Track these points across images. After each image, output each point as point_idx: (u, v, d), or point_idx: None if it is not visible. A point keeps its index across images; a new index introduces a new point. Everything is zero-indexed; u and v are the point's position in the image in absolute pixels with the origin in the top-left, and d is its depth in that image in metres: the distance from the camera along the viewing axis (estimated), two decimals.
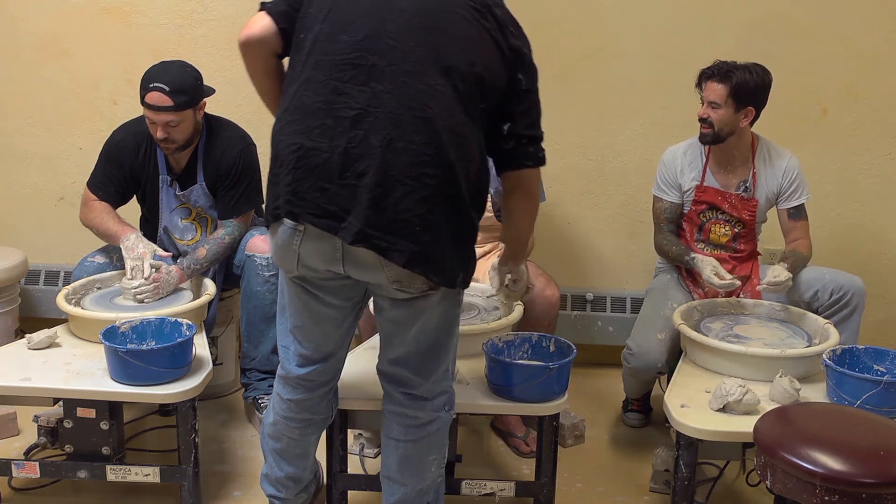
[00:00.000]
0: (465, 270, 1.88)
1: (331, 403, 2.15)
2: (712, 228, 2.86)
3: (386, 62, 1.77)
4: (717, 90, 2.69)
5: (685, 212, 2.90)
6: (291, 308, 2.00)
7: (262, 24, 1.87)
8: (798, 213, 2.83)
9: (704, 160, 2.85)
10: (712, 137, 2.74)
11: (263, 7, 1.90)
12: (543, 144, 1.97)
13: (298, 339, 2.02)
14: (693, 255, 2.79)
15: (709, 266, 2.69)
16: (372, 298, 2.01)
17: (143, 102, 2.63)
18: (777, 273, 2.65)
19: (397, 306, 1.91)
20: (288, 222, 1.83)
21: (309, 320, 1.98)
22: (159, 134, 2.64)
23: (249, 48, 1.90)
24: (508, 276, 2.29)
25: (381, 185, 1.73)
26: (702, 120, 2.75)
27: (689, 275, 2.91)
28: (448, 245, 1.80)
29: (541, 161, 1.96)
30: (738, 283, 2.69)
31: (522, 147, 1.92)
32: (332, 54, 1.80)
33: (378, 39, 1.78)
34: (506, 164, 1.96)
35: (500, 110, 1.89)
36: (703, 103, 2.75)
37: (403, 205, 1.74)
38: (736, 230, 2.84)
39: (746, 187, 2.81)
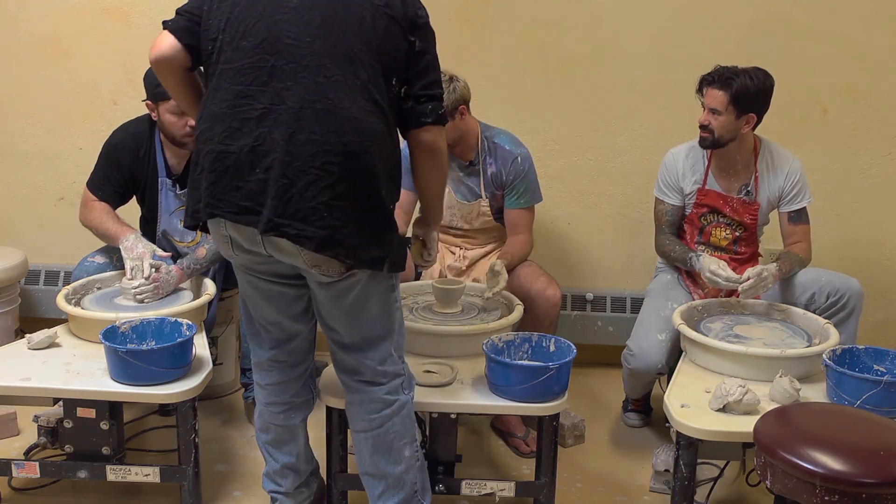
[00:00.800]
0: (392, 254, 1.93)
1: (308, 386, 2.23)
2: (713, 231, 2.86)
3: (285, 61, 1.84)
4: (717, 97, 2.66)
5: (686, 214, 2.90)
6: (245, 294, 2.11)
7: (167, 43, 1.95)
8: (799, 216, 2.82)
9: (706, 164, 2.83)
10: (712, 143, 2.73)
11: (166, 26, 1.97)
12: (545, 145, 1.98)
13: (260, 322, 2.12)
14: (697, 254, 2.77)
15: (714, 262, 2.67)
16: None
17: (165, 97, 2.61)
18: (749, 273, 2.60)
19: (323, 289, 1.98)
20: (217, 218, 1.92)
21: (262, 301, 2.08)
22: (192, 123, 2.62)
23: (160, 66, 1.98)
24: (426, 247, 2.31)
25: (285, 175, 1.81)
26: (702, 126, 2.73)
27: (689, 275, 2.91)
28: (359, 228, 1.86)
29: (440, 119, 1.98)
30: (740, 282, 2.64)
31: (421, 105, 1.95)
32: (235, 61, 1.87)
33: (276, 41, 1.85)
34: (406, 124, 1.98)
35: (399, 76, 1.93)
36: (703, 109, 2.73)
37: (309, 193, 1.81)
38: (737, 233, 2.84)
39: (748, 191, 2.80)
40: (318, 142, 1.81)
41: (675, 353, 2.66)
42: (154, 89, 2.65)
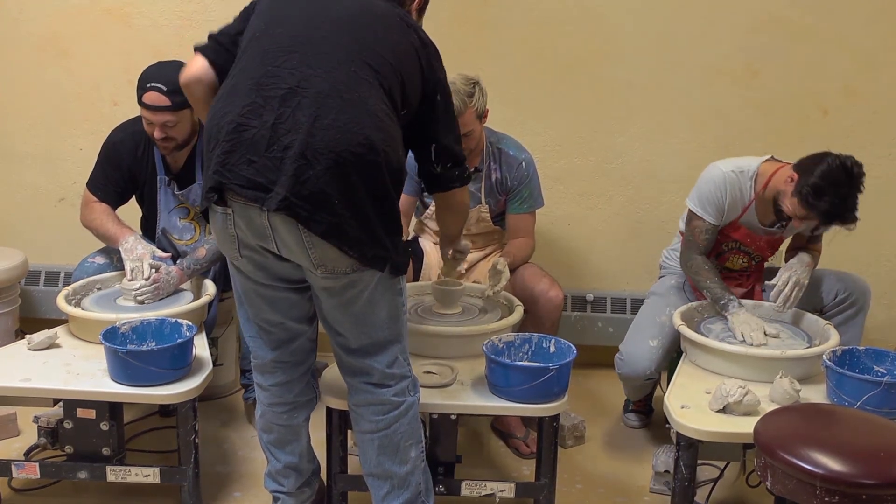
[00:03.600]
0: (395, 256, 1.93)
1: (311, 385, 2.23)
2: (730, 257, 2.78)
3: (317, 51, 1.89)
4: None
5: None
6: (245, 297, 2.09)
7: (197, 65, 2.03)
8: (820, 236, 2.78)
9: (751, 197, 2.65)
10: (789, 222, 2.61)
11: (197, 49, 2.04)
12: (545, 147, 2.01)
13: (261, 325, 2.11)
14: (731, 307, 2.53)
15: (746, 327, 2.46)
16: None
17: (140, 103, 2.63)
18: (787, 278, 2.54)
19: (331, 297, 1.96)
20: (218, 209, 1.92)
21: (264, 304, 2.06)
22: (157, 134, 2.65)
23: (189, 88, 2.06)
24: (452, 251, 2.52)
25: (304, 156, 1.80)
26: (789, 219, 2.55)
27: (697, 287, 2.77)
28: (366, 223, 1.86)
29: (466, 180, 2.16)
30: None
31: (449, 171, 2.10)
32: (266, 45, 1.92)
33: (312, 32, 1.92)
34: (435, 186, 2.15)
35: (423, 132, 2.05)
36: (797, 218, 2.50)
37: (325, 178, 1.80)
38: (753, 262, 2.79)
39: (782, 225, 2.68)
40: (340, 129, 1.81)
41: (669, 358, 2.67)
42: (138, 92, 2.64)
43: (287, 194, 1.79)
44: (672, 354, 2.79)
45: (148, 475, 2.29)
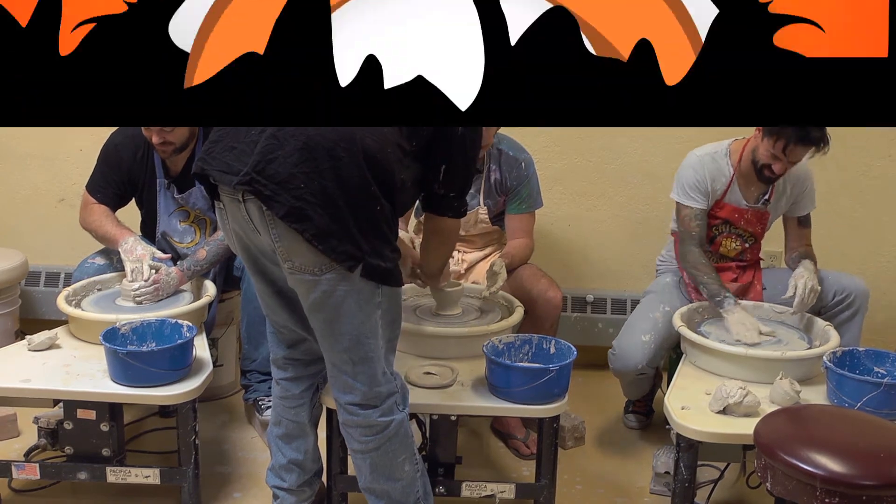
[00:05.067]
0: (371, 259, 1.83)
1: (318, 389, 2.25)
2: (723, 242, 2.80)
3: None
4: (805, 153, 2.54)
5: None
6: (258, 293, 2.12)
7: None
8: (808, 220, 2.81)
9: (731, 174, 2.71)
10: (776, 178, 2.65)
11: None
12: (545, 147, 1.97)
13: (274, 321, 2.14)
14: (727, 304, 2.54)
15: (742, 327, 2.48)
16: None
17: None
18: (804, 285, 2.56)
19: (303, 299, 1.92)
20: (217, 205, 1.95)
21: (272, 300, 2.08)
22: (155, 139, 2.64)
23: None
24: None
25: (275, 136, 1.80)
26: (773, 170, 2.59)
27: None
28: (336, 214, 1.78)
29: (459, 215, 2.13)
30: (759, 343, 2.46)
31: (448, 199, 2.08)
32: None
33: None
34: (430, 205, 2.12)
35: (438, 149, 1.97)
36: (775, 158, 2.55)
37: (292, 159, 1.77)
38: (746, 245, 2.81)
39: (766, 200, 2.73)
40: None
41: (662, 354, 2.69)
42: None
43: (249, 170, 1.78)
44: (668, 352, 2.79)
45: (148, 476, 2.29)
